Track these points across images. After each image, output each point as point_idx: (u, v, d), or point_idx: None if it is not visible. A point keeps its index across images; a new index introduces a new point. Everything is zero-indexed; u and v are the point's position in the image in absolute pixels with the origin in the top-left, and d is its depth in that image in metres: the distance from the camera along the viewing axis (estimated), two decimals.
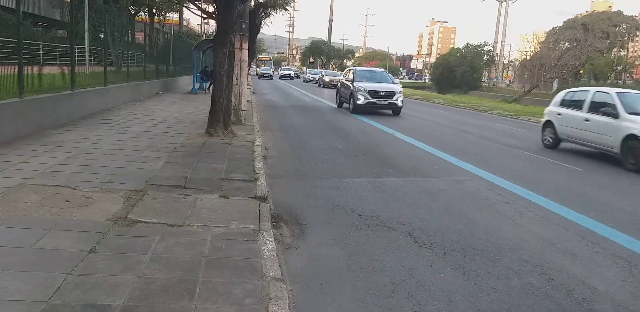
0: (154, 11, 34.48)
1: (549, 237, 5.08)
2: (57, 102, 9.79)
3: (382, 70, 23.58)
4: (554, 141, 11.73)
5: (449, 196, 6.70)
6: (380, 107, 18.13)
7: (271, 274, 3.74)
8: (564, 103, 11.93)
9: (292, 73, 65.82)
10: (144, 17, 33.13)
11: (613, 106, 9.96)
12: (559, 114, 11.74)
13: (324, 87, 40.59)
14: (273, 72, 65.85)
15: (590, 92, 11.09)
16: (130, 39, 17.77)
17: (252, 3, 14.66)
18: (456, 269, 4.15)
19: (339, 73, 36.96)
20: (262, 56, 77.21)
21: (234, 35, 10.14)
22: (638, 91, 12.09)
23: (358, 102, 17.86)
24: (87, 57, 15.42)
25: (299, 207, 5.90)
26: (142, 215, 4.85)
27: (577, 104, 11.24)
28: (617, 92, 10.44)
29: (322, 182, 7.15)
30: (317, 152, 9.65)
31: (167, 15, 41.52)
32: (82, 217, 4.64)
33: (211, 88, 22.39)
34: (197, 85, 22.57)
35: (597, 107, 10.43)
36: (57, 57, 13.75)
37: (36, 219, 4.50)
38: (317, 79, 47.39)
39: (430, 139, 11.93)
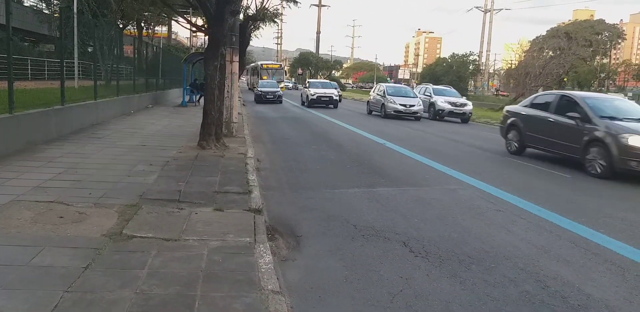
0: (142, 25, 34.53)
1: (542, 245, 5.13)
2: (48, 117, 9.75)
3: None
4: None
5: (442, 204, 6.76)
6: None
7: (269, 287, 3.74)
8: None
9: (290, 85, 65.00)
10: (132, 30, 33.16)
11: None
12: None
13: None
14: (282, 89, 35.73)
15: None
16: (119, 52, 17.76)
17: (242, 16, 14.77)
18: (453, 278, 4.18)
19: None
20: (266, 63, 51.44)
21: (224, 49, 10.19)
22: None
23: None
24: (76, 72, 15.38)
25: (293, 219, 5.91)
26: (137, 230, 4.83)
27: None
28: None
29: (315, 193, 7.17)
30: (310, 163, 9.68)
31: (156, 28, 41.60)
32: (77, 233, 4.62)
33: (201, 101, 22.51)
34: (187, 98, 22.57)
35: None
36: (46, 72, 13.73)
37: (30, 236, 4.46)
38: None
39: (420, 149, 12.02)
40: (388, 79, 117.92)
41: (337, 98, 29.17)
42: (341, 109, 28.45)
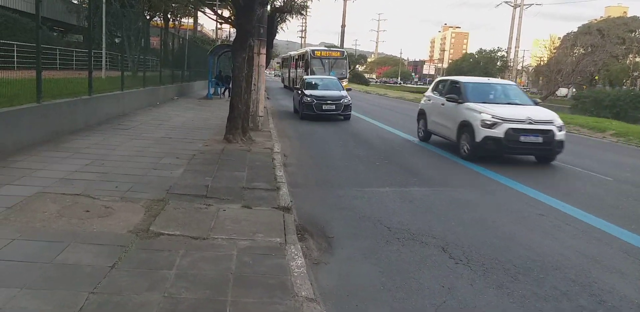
0: (169, 16, 34.61)
1: (592, 254, 4.79)
2: (75, 107, 9.68)
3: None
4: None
5: (480, 207, 6.43)
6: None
7: (303, 293, 3.51)
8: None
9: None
10: (159, 22, 33.23)
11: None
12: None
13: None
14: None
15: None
16: (146, 44, 17.71)
17: (269, 8, 14.52)
18: (499, 289, 3.89)
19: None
20: (319, 49, 33.37)
21: (253, 40, 9.97)
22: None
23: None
24: (104, 62, 15.37)
25: (323, 219, 5.68)
26: (164, 227, 4.65)
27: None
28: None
29: (345, 192, 6.92)
30: (337, 159, 9.43)
31: (182, 20, 41.67)
32: (103, 229, 4.46)
33: (226, 93, 22.48)
34: (212, 91, 22.48)
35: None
36: (74, 62, 13.72)
37: (55, 231, 4.32)
38: None
39: (452, 147, 11.64)
40: (412, 74, 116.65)
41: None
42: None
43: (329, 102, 16.08)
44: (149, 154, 7.96)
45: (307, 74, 28.15)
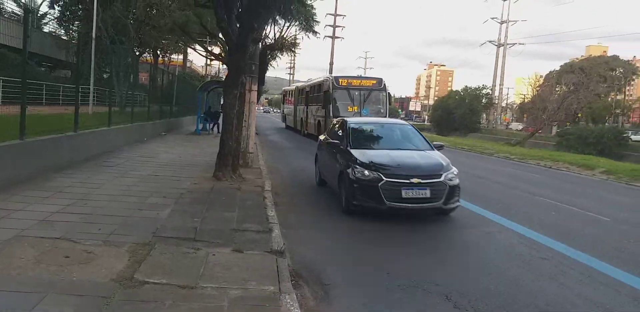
0: (159, 53, 34.88)
1: (602, 302, 4.55)
2: (59, 144, 9.41)
3: None
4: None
5: (481, 250, 6.21)
6: None
7: None
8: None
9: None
10: (148, 58, 33.44)
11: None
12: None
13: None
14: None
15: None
16: (134, 79, 17.65)
17: (260, 45, 14.62)
18: None
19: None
20: (346, 77, 22.54)
21: (245, 77, 9.91)
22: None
23: None
24: (91, 98, 15.18)
25: (318, 263, 5.40)
26: (150, 274, 4.34)
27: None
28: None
29: (341, 234, 6.66)
30: (332, 199, 9.20)
31: (172, 56, 42.05)
32: (84, 277, 4.14)
33: (215, 129, 22.35)
34: (200, 126, 22.36)
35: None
36: (61, 97, 13.54)
37: (32, 280, 3.99)
38: None
39: None
40: (399, 110, 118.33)
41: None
42: None
43: (415, 181, 7.37)
44: (134, 193, 7.67)
45: (329, 113, 20.76)
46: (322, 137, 11.10)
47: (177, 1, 16.32)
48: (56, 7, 26.83)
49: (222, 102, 35.76)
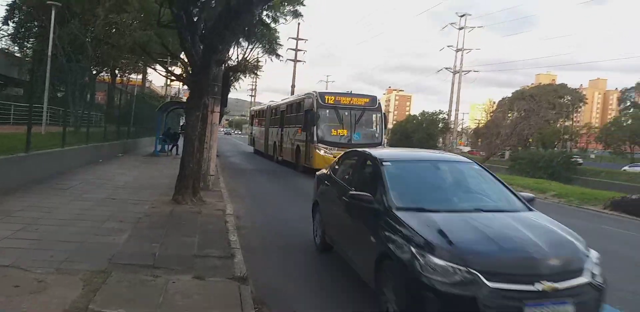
0: (117, 72, 34.24)
1: None
2: (9, 165, 8.99)
3: None
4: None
5: None
6: None
7: None
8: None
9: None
10: (106, 77, 32.74)
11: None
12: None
13: None
14: None
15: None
16: (91, 99, 17.21)
17: (223, 66, 14.59)
18: None
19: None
20: (332, 94, 18.27)
21: (208, 98, 9.81)
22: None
23: None
24: (44, 117, 14.68)
25: (283, 289, 5.30)
26: (105, 304, 4.12)
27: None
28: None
29: (305, 257, 6.57)
30: (294, 222, 9.09)
31: (131, 76, 41.36)
32: (34, 308, 3.90)
33: (173, 150, 21.92)
34: (159, 148, 21.89)
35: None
36: (12, 116, 13.05)
37: None
38: None
39: None
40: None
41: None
42: None
43: (546, 287, 3.71)
44: (89, 217, 7.35)
45: (313, 137, 17.09)
46: (323, 172, 7.50)
47: (138, 21, 16.11)
48: (10, 23, 26.09)
49: (181, 123, 35.29)
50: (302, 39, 47.74)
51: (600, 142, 67.14)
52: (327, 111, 17.62)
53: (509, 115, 49.28)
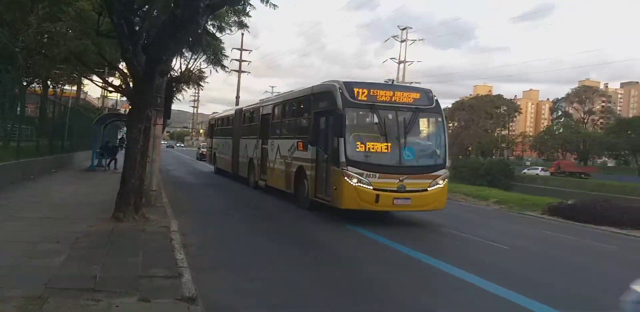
0: (49, 83, 32.59)
1: None
2: None
3: None
4: None
5: (399, 284, 6.22)
6: None
7: None
8: None
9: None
10: (37, 88, 31.05)
11: None
12: None
13: None
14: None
15: None
16: (21, 111, 16.23)
17: (166, 77, 14.19)
18: None
19: None
20: (362, 84, 11.12)
21: (150, 110, 9.45)
22: None
23: None
24: None
25: (235, 306, 5.09)
26: None
27: None
28: None
29: (256, 274, 6.36)
30: (243, 237, 8.87)
31: (65, 87, 39.48)
32: None
33: (111, 165, 21.01)
34: (96, 162, 20.92)
35: None
36: None
37: None
38: None
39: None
40: None
41: None
42: None
43: None
44: (22, 238, 6.82)
45: (337, 156, 10.39)
46: None
47: (74, 30, 15.39)
48: None
49: (119, 136, 33.96)
50: (247, 50, 47.50)
51: (535, 149, 70.85)
52: (360, 113, 11.26)
53: (450, 125, 51.09)
